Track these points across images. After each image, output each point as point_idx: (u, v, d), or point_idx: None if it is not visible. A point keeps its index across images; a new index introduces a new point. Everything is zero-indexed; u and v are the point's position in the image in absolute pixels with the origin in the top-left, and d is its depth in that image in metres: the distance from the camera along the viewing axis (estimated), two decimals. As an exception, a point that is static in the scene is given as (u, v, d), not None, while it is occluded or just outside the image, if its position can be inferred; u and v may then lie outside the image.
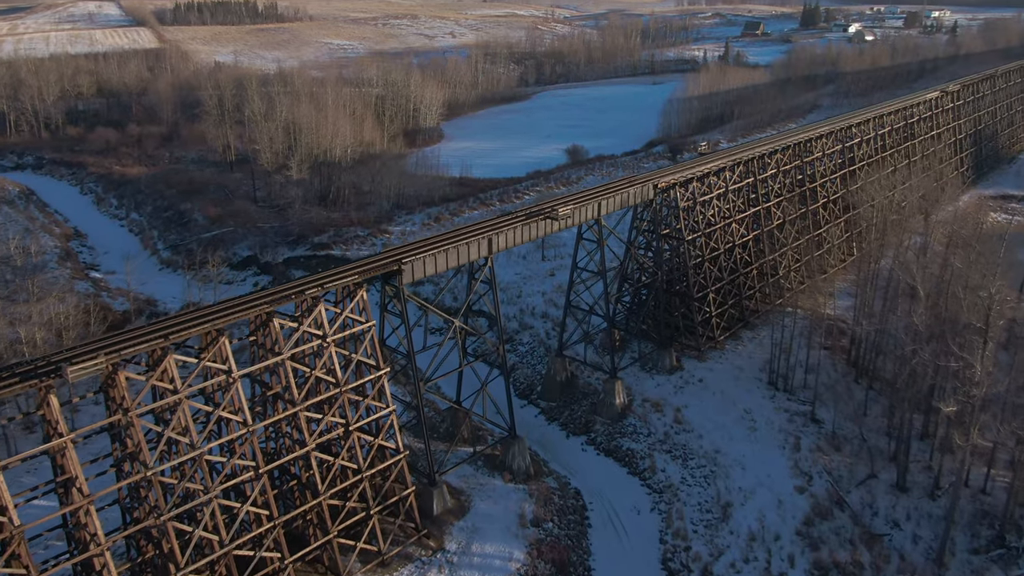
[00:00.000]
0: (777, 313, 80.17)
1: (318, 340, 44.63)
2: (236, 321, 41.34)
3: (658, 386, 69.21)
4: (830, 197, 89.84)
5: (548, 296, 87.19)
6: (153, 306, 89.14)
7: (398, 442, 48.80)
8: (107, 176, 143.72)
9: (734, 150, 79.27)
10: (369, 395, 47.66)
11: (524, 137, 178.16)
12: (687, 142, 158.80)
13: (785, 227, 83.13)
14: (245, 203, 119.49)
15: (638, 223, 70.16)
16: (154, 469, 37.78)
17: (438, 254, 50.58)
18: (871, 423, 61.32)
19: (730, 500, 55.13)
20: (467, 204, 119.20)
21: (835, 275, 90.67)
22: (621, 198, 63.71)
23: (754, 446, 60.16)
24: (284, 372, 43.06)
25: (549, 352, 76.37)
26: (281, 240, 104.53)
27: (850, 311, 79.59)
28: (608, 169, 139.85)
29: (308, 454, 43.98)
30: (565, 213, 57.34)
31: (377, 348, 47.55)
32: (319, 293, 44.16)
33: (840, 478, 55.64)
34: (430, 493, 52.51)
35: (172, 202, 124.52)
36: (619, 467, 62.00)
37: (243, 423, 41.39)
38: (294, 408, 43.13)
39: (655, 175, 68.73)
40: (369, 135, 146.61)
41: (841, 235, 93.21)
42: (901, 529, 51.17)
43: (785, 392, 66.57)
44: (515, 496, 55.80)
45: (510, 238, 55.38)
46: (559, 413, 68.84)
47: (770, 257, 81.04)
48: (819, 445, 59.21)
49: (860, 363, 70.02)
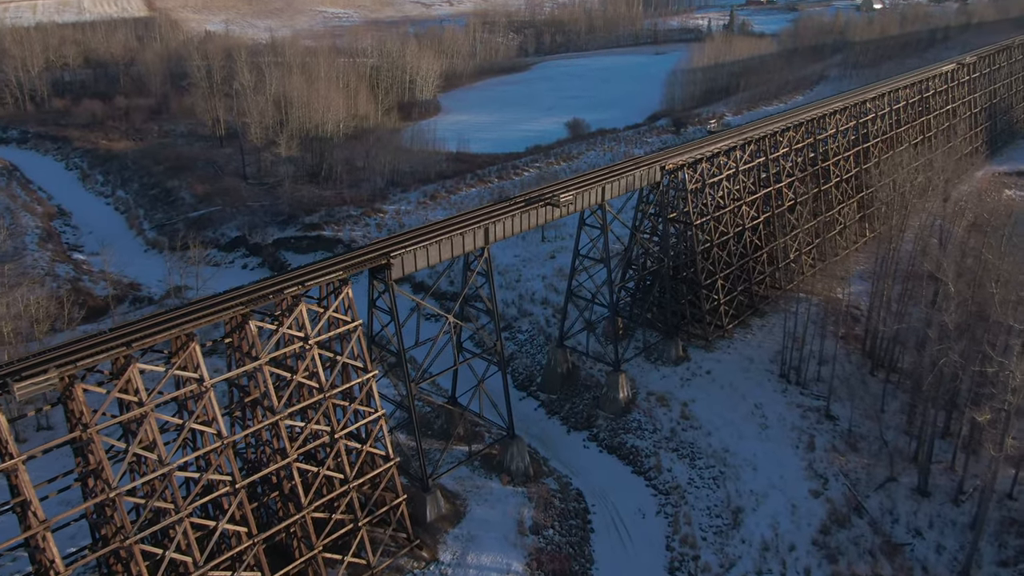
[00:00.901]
0: (788, 299, 76.71)
1: (299, 342, 41.13)
2: (209, 324, 37.81)
3: (663, 378, 65.92)
4: (843, 176, 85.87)
5: (548, 280, 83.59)
6: (136, 290, 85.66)
7: (388, 449, 45.55)
8: (93, 151, 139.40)
9: (744, 128, 75.16)
10: (356, 399, 44.27)
11: (523, 109, 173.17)
12: (691, 115, 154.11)
13: (796, 208, 79.28)
14: (234, 180, 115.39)
15: (644, 206, 66.34)
16: (118, 489, 34.51)
17: (430, 246, 46.90)
18: (889, 420, 58.09)
19: (741, 505, 52.08)
20: (464, 181, 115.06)
21: (848, 257, 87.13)
22: (627, 181, 59.84)
23: (765, 445, 57.01)
24: (262, 378, 39.61)
25: (549, 341, 72.96)
26: (271, 220, 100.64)
27: (864, 296, 76.17)
28: (610, 144, 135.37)
29: (290, 465, 40.72)
30: (567, 199, 53.56)
31: (364, 349, 44.09)
32: (300, 292, 40.57)
33: (857, 481, 52.56)
34: (423, 499, 49.45)
35: (159, 179, 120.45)
36: (623, 466, 58.91)
37: (217, 434, 38.05)
38: (274, 417, 39.79)
39: (662, 156, 64.77)
40: (363, 108, 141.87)
41: (854, 216, 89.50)
42: (923, 538, 48.19)
43: (797, 385, 63.29)
44: (514, 500, 52.75)
45: (508, 226, 51.65)
46: (560, 406, 65.62)
47: (781, 240, 77.32)
48: (834, 444, 56.04)
49: (876, 353, 66.67)
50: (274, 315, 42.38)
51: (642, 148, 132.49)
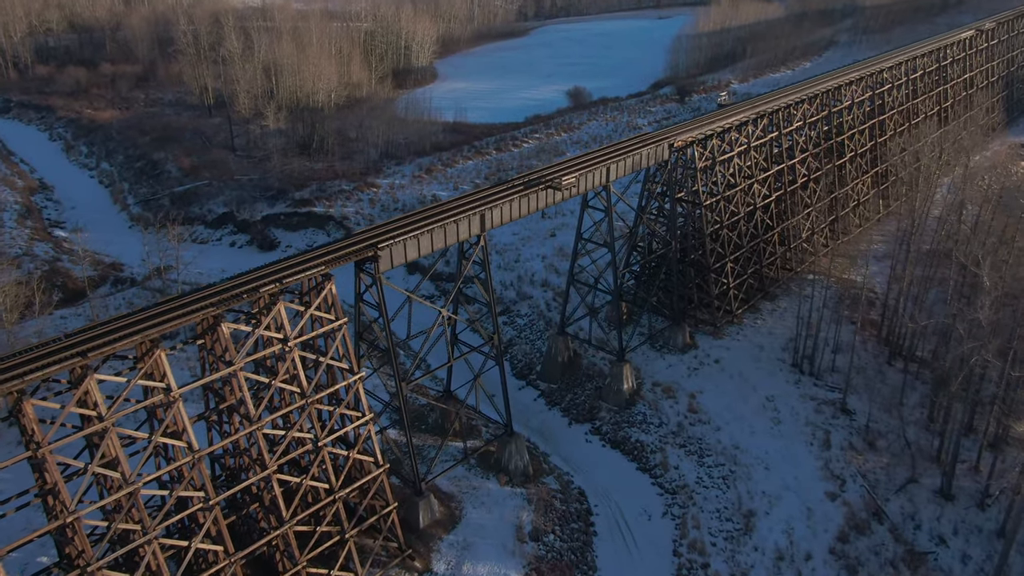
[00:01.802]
0: (800, 282, 73.28)
1: (278, 344, 37.70)
2: (177, 328, 34.35)
3: (670, 367, 62.72)
4: (858, 151, 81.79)
5: (548, 260, 79.96)
6: (119, 271, 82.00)
7: (377, 455, 42.37)
8: (77, 121, 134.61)
9: (757, 101, 70.96)
10: (342, 403, 40.98)
11: (523, 76, 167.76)
12: (696, 82, 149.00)
13: (809, 185, 75.43)
14: (222, 152, 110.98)
15: (650, 186, 62.51)
16: (75, 512, 31.33)
17: (421, 235, 43.24)
18: (909, 414, 55.00)
19: (753, 508, 49.17)
20: (461, 153, 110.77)
21: (861, 236, 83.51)
22: (633, 160, 55.97)
23: (778, 441, 53.98)
24: (237, 385, 36.25)
25: (550, 327, 69.65)
26: (259, 195, 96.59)
27: (880, 278, 72.68)
28: (612, 113, 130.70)
29: (269, 476, 37.57)
30: (569, 182, 49.77)
31: (350, 348, 40.68)
32: (277, 290, 37.03)
33: (876, 483, 49.59)
34: (415, 504, 46.45)
35: (145, 150, 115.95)
36: (627, 462, 55.97)
37: (188, 447, 34.82)
38: (251, 426, 36.52)
39: (670, 132, 60.75)
40: (356, 76, 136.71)
41: (868, 192, 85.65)
42: (947, 546, 45.34)
43: (811, 376, 60.09)
44: (512, 503, 49.82)
45: (506, 212, 47.96)
46: (560, 397, 62.49)
47: (793, 220, 73.59)
48: (851, 442, 53.01)
49: (893, 341, 63.37)
50: (251, 312, 38.94)
51: (645, 118, 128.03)
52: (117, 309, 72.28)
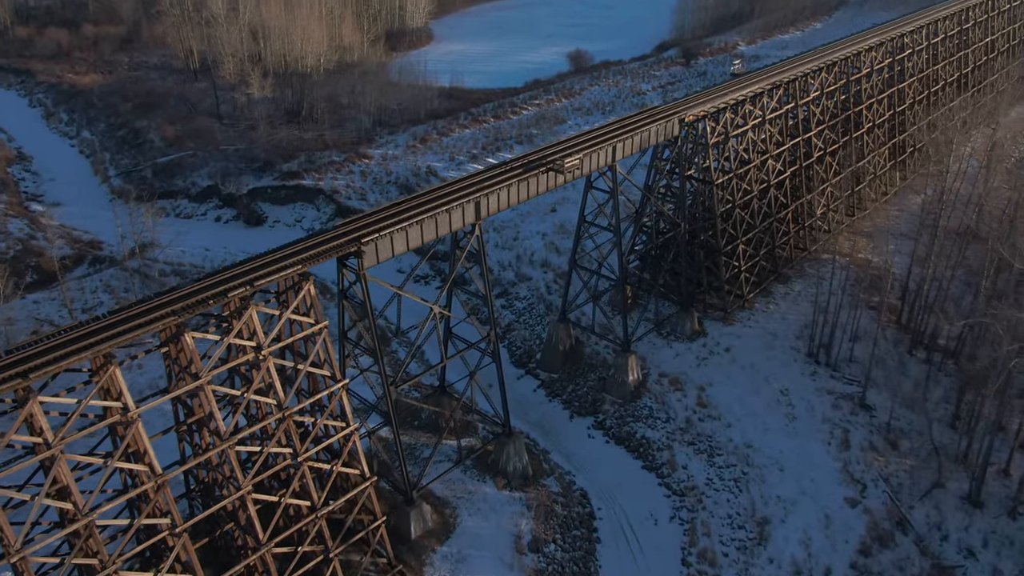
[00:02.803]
0: (814, 262, 69.48)
1: (251, 353, 34.07)
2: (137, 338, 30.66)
3: (677, 356, 59.26)
4: (875, 121, 77.33)
5: (549, 239, 75.98)
6: (97, 249, 78.09)
7: (363, 466, 39.05)
8: (58, 86, 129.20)
9: (771, 70, 66.30)
10: (325, 412, 37.50)
11: (522, 37, 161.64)
12: (702, 45, 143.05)
13: (825, 159, 71.20)
14: (207, 120, 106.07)
15: (658, 163, 58.34)
16: (21, 552, 28.01)
17: (410, 227, 39.37)
18: (932, 409, 51.56)
19: (767, 515, 46.07)
20: (457, 121, 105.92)
21: (877, 211, 79.52)
22: (640, 138, 51.76)
23: (793, 440, 50.73)
24: (205, 399, 32.70)
25: (551, 311, 66.06)
26: (246, 167, 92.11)
27: (897, 257, 68.76)
28: (615, 78, 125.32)
29: (244, 497, 34.24)
30: (572, 164, 45.65)
31: (332, 354, 37.06)
32: (248, 293, 33.27)
33: (900, 487, 46.44)
34: (406, 513, 43.31)
35: (127, 118, 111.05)
36: (632, 459, 52.81)
37: (151, 472, 31.40)
38: (221, 444, 33.07)
39: (681, 106, 56.37)
40: (348, 38, 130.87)
41: (885, 164, 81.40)
42: (976, 559, 42.34)
43: (827, 367, 56.64)
44: (510, 509, 46.71)
45: (503, 198, 43.97)
46: (562, 388, 59.13)
47: (808, 196, 69.51)
48: (872, 441, 49.73)
49: (914, 328, 59.84)
50: (221, 316, 35.24)
51: (649, 83, 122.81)
52: (93, 292, 68.62)
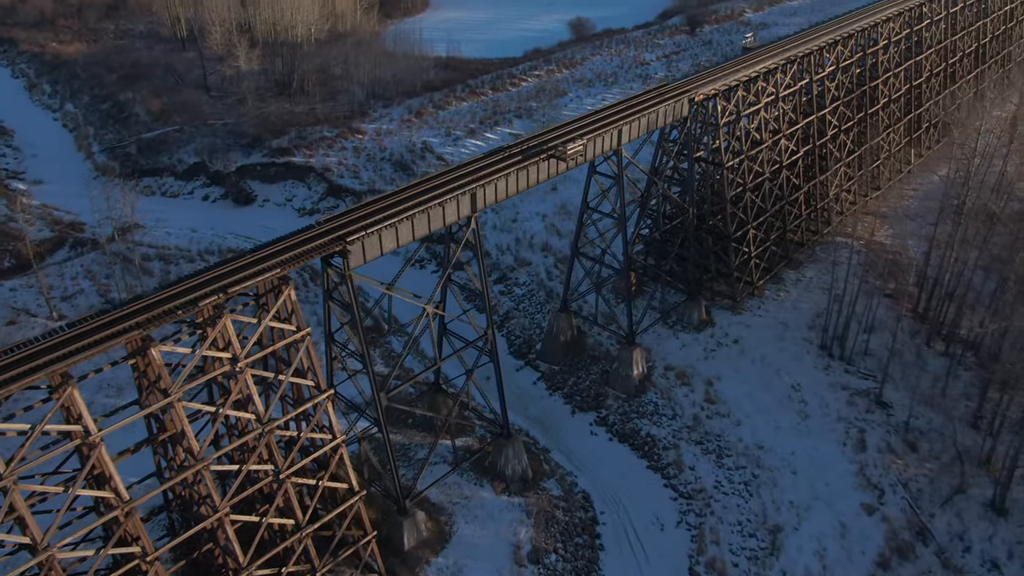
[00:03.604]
0: (826, 246, 66.53)
1: (226, 365, 31.32)
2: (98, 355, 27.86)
3: (684, 348, 56.59)
4: (892, 96, 73.78)
5: (550, 220, 72.87)
6: (79, 231, 74.95)
7: (351, 480, 36.53)
8: (41, 56, 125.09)
9: (786, 43, 62.60)
10: (310, 424, 34.86)
11: (521, 4, 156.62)
12: (707, 12, 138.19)
13: (839, 137, 67.83)
14: (195, 93, 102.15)
15: (665, 145, 55.07)
16: (-28, 593, 25.58)
17: (400, 223, 36.33)
18: (952, 407, 49.01)
19: (779, 522, 43.75)
20: (454, 94, 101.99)
21: (891, 190, 76.35)
22: (648, 120, 48.48)
23: (806, 441, 48.26)
24: (176, 417, 30.02)
25: (551, 298, 63.27)
26: (234, 142, 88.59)
27: (912, 240, 65.85)
28: (618, 47, 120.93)
29: (221, 519, 31.75)
30: (575, 150, 42.47)
31: (315, 363, 34.31)
32: (221, 300, 30.40)
33: (919, 493, 44.05)
34: (399, 524, 40.94)
35: (112, 90, 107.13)
36: (636, 458, 50.42)
37: (117, 498, 28.84)
38: (195, 465, 30.47)
39: (690, 84, 52.94)
40: (340, 5, 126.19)
41: (900, 141, 78.00)
42: (1001, 573, 40.08)
43: (842, 360, 54.00)
44: (509, 516, 44.37)
45: (500, 189, 40.90)
46: (563, 381, 56.55)
47: (822, 177, 66.30)
48: (889, 443, 47.25)
49: (932, 317, 57.12)
50: (195, 323, 32.41)
51: (653, 52, 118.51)
52: (73, 279, 65.71)
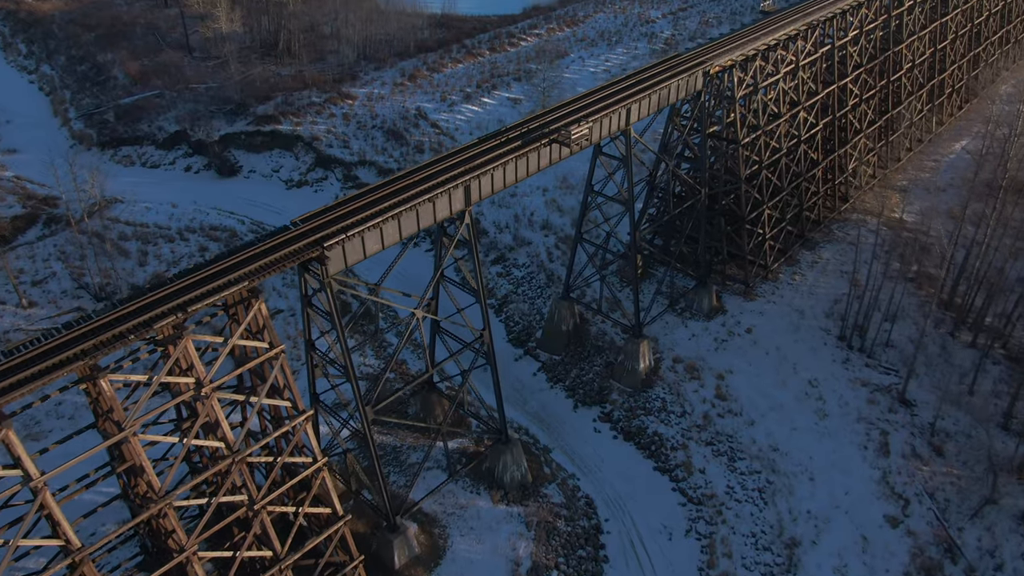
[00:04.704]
0: (843, 224, 62.81)
1: (189, 392, 27.91)
2: (43, 386, 24.42)
3: (693, 338, 53.25)
4: (915, 60, 69.15)
5: (550, 195, 68.86)
6: (52, 207, 70.81)
7: (334, 504, 33.43)
8: (15, 13, 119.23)
9: (807, 7, 57.79)
10: (287, 449, 31.62)
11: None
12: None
13: (860, 107, 63.48)
14: (176, 55, 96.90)
15: (676, 120, 50.88)
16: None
17: (385, 223, 32.55)
18: (980, 406, 45.92)
19: (796, 535, 40.90)
20: (450, 55, 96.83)
21: (911, 161, 72.29)
22: (659, 96, 44.26)
23: (824, 443, 45.22)
24: (132, 452, 26.74)
25: (552, 282, 59.72)
26: (217, 109, 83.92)
27: (934, 218, 62.10)
28: (622, 3, 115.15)
29: (189, 559, 28.70)
30: (580, 134, 38.46)
31: (291, 382, 30.90)
32: (181, 320, 26.84)
33: (947, 504, 41.13)
34: (389, 542, 38.05)
35: (89, 51, 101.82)
36: (643, 459, 47.47)
37: (66, 546, 25.70)
38: (158, 504, 27.28)
39: (705, 55, 48.53)
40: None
41: (923, 109, 73.61)
42: (1037, 594, 37.38)
43: (862, 353, 50.71)
44: (507, 528, 41.50)
45: (498, 179, 37.00)
46: (564, 372, 53.33)
47: (841, 150, 62.17)
48: (914, 446, 44.18)
49: (959, 304, 53.68)
50: (156, 340, 28.89)
51: (659, 8, 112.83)
52: (45, 261, 61.97)
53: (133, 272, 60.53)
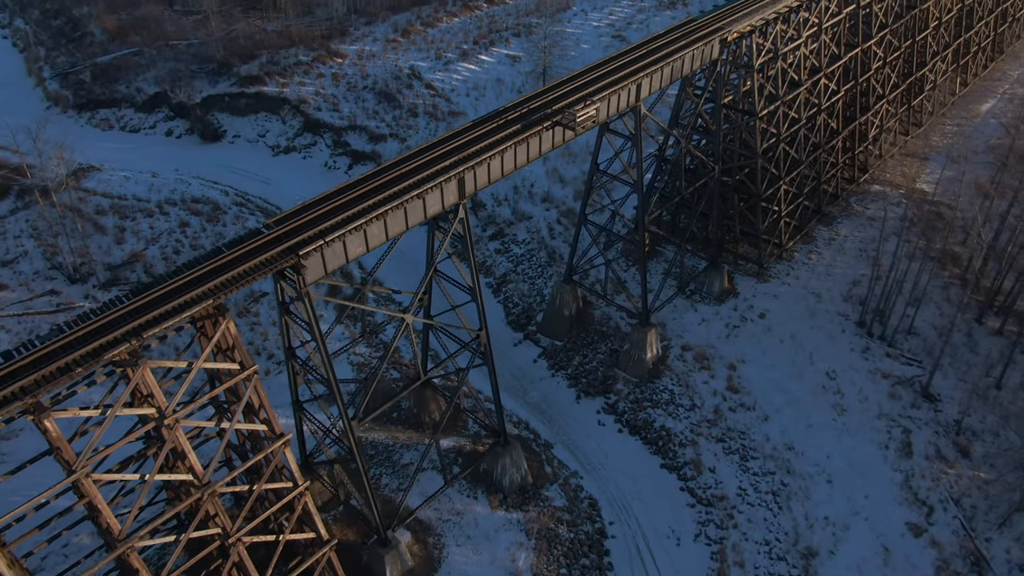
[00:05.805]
0: (861, 196, 59.26)
1: (150, 424, 24.98)
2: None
3: (703, 323, 50.25)
4: (943, 17, 64.61)
5: (552, 164, 65.05)
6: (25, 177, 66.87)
7: (319, 529, 30.85)
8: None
9: (832, -39, 53.17)
10: (263, 477, 28.84)
11: None
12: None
13: (884, 71, 59.28)
14: (155, 7, 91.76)
15: (689, 91, 46.93)
16: None
17: (369, 224, 29.16)
18: (1009, 401, 43.20)
19: (813, 544, 38.56)
20: (445, 8, 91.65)
21: (933, 125, 68.35)
22: (672, 69, 40.35)
23: (843, 441, 42.60)
24: (87, 492, 23.93)
25: (553, 260, 56.48)
26: (199, 68, 79.36)
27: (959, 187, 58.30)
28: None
29: (157, 600, 26.20)
30: (586, 116, 34.74)
31: (266, 405, 27.95)
32: (136, 347, 23.74)
33: (973, 511, 38.69)
34: (380, 557, 35.69)
35: (64, 4, 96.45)
36: (649, 455, 44.97)
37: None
38: (118, 550, 24.59)
39: (722, 19, 44.38)
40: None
41: (948, 69, 69.30)
42: (1069, 612, 35.18)
43: (882, 341, 47.75)
44: (506, 536, 39.13)
45: (495, 168, 33.46)
46: (566, 360, 50.51)
47: (862, 118, 58.25)
48: (938, 447, 41.57)
49: (986, 288, 50.53)
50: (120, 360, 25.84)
51: None
52: (17, 238, 58.61)
53: (110, 250, 57.19)
